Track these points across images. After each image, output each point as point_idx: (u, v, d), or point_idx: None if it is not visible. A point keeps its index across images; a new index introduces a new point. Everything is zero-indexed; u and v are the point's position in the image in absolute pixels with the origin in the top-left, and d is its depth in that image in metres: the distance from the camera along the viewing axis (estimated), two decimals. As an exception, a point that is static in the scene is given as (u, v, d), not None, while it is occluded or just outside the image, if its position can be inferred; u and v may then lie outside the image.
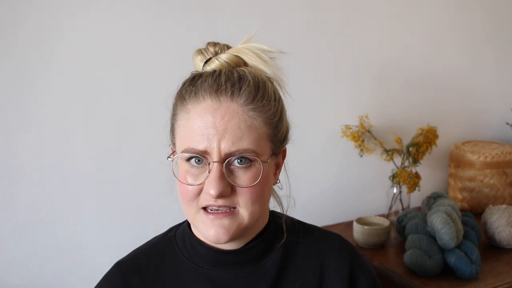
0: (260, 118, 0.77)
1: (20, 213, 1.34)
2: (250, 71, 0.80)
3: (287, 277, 0.86)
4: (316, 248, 0.90)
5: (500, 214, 1.52)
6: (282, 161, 0.87)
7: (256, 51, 0.81)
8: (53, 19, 1.30)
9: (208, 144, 0.75)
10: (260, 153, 0.77)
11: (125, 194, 1.45)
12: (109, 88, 1.39)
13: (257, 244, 0.85)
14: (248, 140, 0.75)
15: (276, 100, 0.81)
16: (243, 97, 0.76)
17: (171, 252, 0.87)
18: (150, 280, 0.84)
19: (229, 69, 0.80)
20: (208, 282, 0.83)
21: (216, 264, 0.84)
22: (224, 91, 0.76)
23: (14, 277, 1.36)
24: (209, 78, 0.78)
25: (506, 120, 2.05)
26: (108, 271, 0.86)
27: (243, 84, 0.77)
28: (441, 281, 1.33)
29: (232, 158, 0.75)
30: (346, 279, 0.88)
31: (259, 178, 0.76)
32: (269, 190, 0.82)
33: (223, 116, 0.75)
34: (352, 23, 1.70)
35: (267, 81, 0.81)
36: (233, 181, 0.76)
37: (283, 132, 0.83)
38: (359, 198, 1.81)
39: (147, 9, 1.40)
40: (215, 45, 0.82)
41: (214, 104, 0.76)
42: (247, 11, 1.52)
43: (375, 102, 1.78)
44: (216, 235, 0.77)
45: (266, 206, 0.85)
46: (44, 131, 1.34)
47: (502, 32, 2.04)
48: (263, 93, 0.79)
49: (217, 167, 0.75)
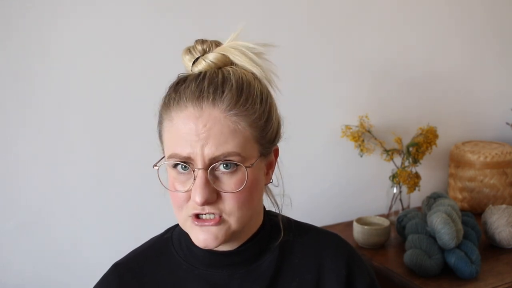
0: (244, 122, 0.76)
1: (20, 213, 1.34)
2: (235, 71, 0.79)
3: (283, 277, 0.86)
4: (313, 247, 0.90)
5: (500, 214, 1.52)
6: (275, 160, 0.86)
7: (242, 49, 0.80)
8: (52, 19, 1.30)
9: (192, 150, 0.74)
10: (246, 156, 0.76)
11: (125, 194, 1.45)
12: (109, 88, 1.39)
13: (252, 245, 0.85)
14: (233, 143, 0.74)
15: (263, 101, 0.79)
16: (225, 102, 0.75)
17: (168, 253, 0.87)
18: (147, 281, 0.84)
19: (215, 70, 0.79)
20: (205, 283, 0.83)
21: (211, 265, 0.84)
22: (206, 98, 0.75)
23: (14, 277, 1.36)
24: (192, 83, 0.77)
25: (506, 120, 2.05)
26: (105, 273, 0.87)
27: (225, 88, 0.76)
28: (441, 281, 1.33)
29: (217, 164, 0.75)
30: (343, 278, 0.87)
31: (245, 183, 0.75)
32: (258, 193, 0.81)
33: (205, 124, 0.74)
34: (353, 23, 1.70)
35: (253, 81, 0.80)
36: (219, 187, 0.75)
37: (273, 131, 0.81)
38: (359, 198, 1.81)
39: (147, 9, 1.40)
40: (203, 43, 0.81)
41: (196, 112, 0.75)
42: (247, 11, 1.52)
43: (375, 102, 1.78)
44: (204, 241, 0.77)
45: (257, 208, 0.84)
46: (44, 131, 1.34)
47: (502, 32, 2.04)
48: (247, 96, 0.77)
49: (202, 174, 0.74)
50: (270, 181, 0.86)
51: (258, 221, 0.87)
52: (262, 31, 1.55)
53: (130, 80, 1.40)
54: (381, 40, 1.76)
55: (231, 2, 1.49)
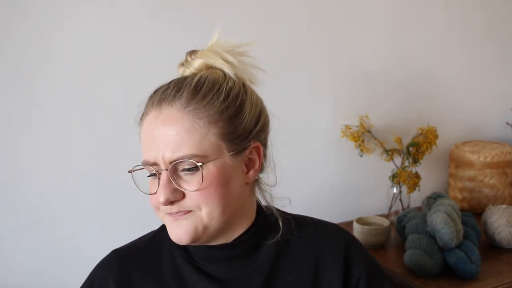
0: (203, 119, 0.77)
1: (20, 213, 1.34)
2: (204, 73, 0.81)
3: (281, 270, 0.86)
4: (311, 239, 0.90)
5: (500, 214, 1.52)
6: (258, 158, 0.84)
7: (217, 50, 0.82)
8: (52, 19, 1.30)
9: (155, 154, 0.77)
10: (205, 154, 0.77)
11: (125, 194, 1.45)
12: (109, 88, 1.39)
13: (247, 238, 0.85)
14: (188, 146, 0.76)
15: (229, 97, 0.80)
16: (182, 100, 0.77)
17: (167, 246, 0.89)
18: (148, 268, 0.86)
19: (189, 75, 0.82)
20: (204, 275, 0.84)
21: (208, 259, 0.85)
22: (165, 99, 0.78)
23: (14, 277, 1.36)
24: (161, 90, 0.81)
25: (506, 120, 2.05)
26: (104, 257, 0.88)
27: (184, 88, 0.78)
28: (441, 281, 1.33)
29: (177, 166, 0.77)
30: (340, 266, 0.87)
31: (201, 181, 0.76)
32: (231, 189, 0.80)
33: (164, 125, 0.77)
34: (352, 23, 1.70)
35: (220, 79, 0.81)
36: (181, 186, 0.77)
37: (245, 128, 0.81)
38: (359, 198, 1.81)
39: (147, 9, 1.40)
40: (191, 54, 0.84)
41: (156, 114, 0.79)
42: (247, 12, 1.52)
43: (375, 102, 1.78)
44: (177, 235, 0.79)
45: (234, 204, 0.81)
46: (44, 131, 1.34)
47: (502, 32, 2.04)
48: (206, 93, 0.78)
49: (164, 174, 0.77)
50: (252, 179, 0.84)
51: (251, 214, 0.87)
52: (262, 31, 1.55)
53: (130, 80, 1.40)
54: (381, 40, 1.76)
55: (231, 2, 1.49)
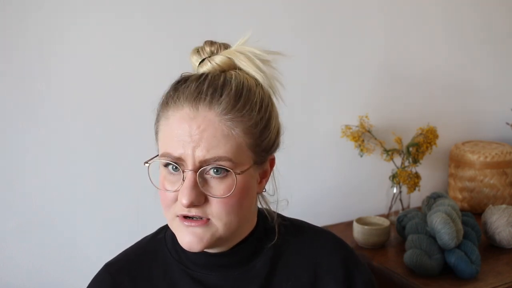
0: (239, 127, 0.75)
1: (20, 213, 1.34)
2: (237, 76, 0.79)
3: (278, 277, 0.85)
4: (308, 246, 0.89)
5: (500, 214, 1.52)
6: (270, 170, 0.85)
7: (248, 54, 0.80)
8: (53, 19, 1.30)
9: (183, 151, 0.74)
10: (238, 162, 0.75)
11: (125, 194, 1.45)
12: (109, 88, 1.39)
13: (245, 246, 0.84)
14: (224, 148, 0.74)
15: (262, 108, 0.79)
16: (222, 106, 0.75)
17: (161, 254, 0.87)
18: (141, 281, 0.84)
19: (218, 73, 0.79)
20: (199, 284, 0.83)
21: (205, 266, 0.84)
22: (203, 99, 0.75)
23: (14, 277, 1.36)
24: (193, 84, 0.77)
25: (506, 120, 2.05)
26: (97, 273, 0.87)
27: (223, 92, 0.76)
28: (441, 281, 1.33)
29: (207, 168, 0.74)
30: (341, 277, 0.87)
31: (233, 189, 0.74)
32: (249, 200, 0.80)
33: (199, 126, 0.74)
34: (352, 23, 1.70)
35: (254, 88, 0.79)
36: (207, 191, 0.75)
37: (269, 140, 0.80)
38: (359, 198, 1.81)
39: (147, 9, 1.40)
40: (211, 45, 0.81)
41: (191, 113, 0.75)
42: (247, 11, 1.52)
43: (375, 102, 1.78)
44: (189, 242, 0.76)
45: (247, 215, 0.82)
46: (44, 131, 1.34)
47: (502, 32, 2.04)
48: (245, 101, 0.77)
49: (191, 176, 0.74)
50: (263, 190, 0.85)
51: (252, 223, 0.86)
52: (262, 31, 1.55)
53: (131, 80, 1.40)
54: (381, 40, 1.76)
55: (231, 2, 1.49)
